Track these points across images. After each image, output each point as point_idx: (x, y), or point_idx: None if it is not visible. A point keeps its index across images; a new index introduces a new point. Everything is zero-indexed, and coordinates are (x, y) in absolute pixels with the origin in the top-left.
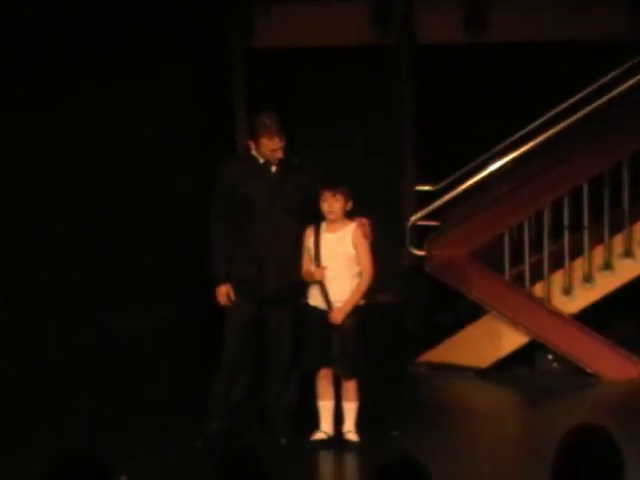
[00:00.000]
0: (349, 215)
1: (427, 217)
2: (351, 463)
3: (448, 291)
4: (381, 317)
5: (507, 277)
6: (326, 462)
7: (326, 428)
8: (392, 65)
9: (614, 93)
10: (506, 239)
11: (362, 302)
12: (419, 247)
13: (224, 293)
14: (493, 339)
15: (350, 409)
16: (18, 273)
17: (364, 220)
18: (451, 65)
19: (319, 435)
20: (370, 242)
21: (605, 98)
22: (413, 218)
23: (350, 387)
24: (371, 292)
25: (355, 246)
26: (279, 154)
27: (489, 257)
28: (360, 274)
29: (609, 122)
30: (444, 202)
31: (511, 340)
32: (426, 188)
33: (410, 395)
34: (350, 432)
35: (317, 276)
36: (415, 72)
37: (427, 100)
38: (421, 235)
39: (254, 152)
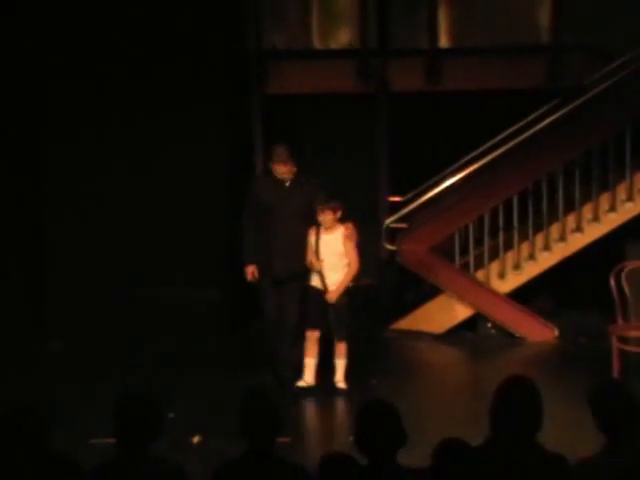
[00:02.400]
0: (341, 220)
1: (398, 221)
2: (341, 404)
3: (413, 276)
4: (364, 296)
5: (457, 265)
6: (324, 404)
7: (308, 379)
8: (371, 108)
9: (536, 129)
10: (456, 237)
11: (350, 285)
12: (392, 243)
13: (250, 272)
14: (447, 311)
15: (340, 364)
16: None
17: (350, 225)
18: (416, 107)
19: (301, 383)
20: (356, 240)
21: (529, 132)
22: (387, 222)
23: (341, 347)
24: (357, 277)
25: (344, 244)
26: (287, 176)
27: (444, 250)
28: (348, 265)
29: (532, 150)
30: (410, 209)
31: (460, 312)
32: (397, 199)
33: (385, 353)
34: (340, 381)
35: (317, 266)
36: (389, 113)
37: (398, 133)
38: (393, 234)
39: (273, 172)
